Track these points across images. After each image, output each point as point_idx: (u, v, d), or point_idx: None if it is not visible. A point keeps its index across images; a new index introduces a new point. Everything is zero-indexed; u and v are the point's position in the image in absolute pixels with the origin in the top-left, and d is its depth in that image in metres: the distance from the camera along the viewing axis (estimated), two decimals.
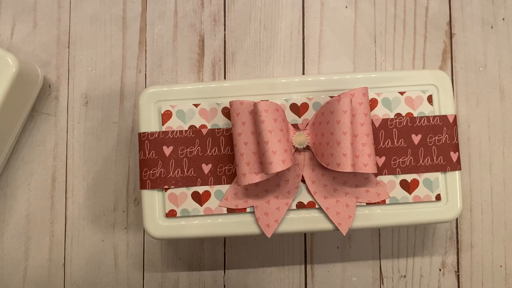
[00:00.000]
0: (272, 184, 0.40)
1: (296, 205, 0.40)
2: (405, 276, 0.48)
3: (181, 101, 0.41)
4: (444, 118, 0.41)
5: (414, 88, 0.41)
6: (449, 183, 0.40)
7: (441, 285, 0.48)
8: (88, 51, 0.50)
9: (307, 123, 0.40)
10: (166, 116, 0.41)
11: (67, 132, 0.49)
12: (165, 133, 0.40)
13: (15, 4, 0.51)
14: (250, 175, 0.38)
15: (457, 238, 0.48)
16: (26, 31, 0.50)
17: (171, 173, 0.40)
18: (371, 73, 0.41)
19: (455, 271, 0.48)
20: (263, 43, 0.50)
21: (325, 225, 0.40)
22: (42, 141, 0.49)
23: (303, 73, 0.50)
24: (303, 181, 0.40)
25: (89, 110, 0.50)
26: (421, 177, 0.40)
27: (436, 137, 0.40)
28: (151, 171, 0.40)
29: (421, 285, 0.48)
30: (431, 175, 0.40)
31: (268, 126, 0.37)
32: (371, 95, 0.41)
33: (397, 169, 0.40)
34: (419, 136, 0.40)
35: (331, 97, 0.40)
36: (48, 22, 0.51)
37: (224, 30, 0.50)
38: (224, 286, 0.48)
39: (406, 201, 0.40)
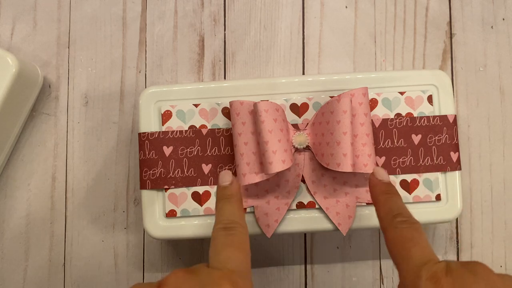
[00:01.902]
0: (272, 184, 0.40)
1: (296, 205, 0.40)
2: None
3: (181, 101, 0.41)
4: (444, 118, 0.41)
5: (414, 88, 0.41)
6: (449, 183, 0.40)
7: None
8: (88, 51, 0.50)
9: (307, 123, 0.40)
10: (166, 116, 0.41)
11: (67, 132, 0.49)
12: (165, 133, 0.40)
13: (15, 4, 0.51)
14: (250, 175, 0.38)
15: (457, 238, 0.48)
16: (26, 31, 0.50)
17: (171, 173, 0.40)
18: (371, 73, 0.41)
19: None
20: (263, 43, 0.50)
21: (325, 225, 0.40)
22: (42, 141, 0.49)
23: (303, 73, 0.50)
24: (303, 181, 0.40)
25: (89, 110, 0.50)
26: (421, 177, 0.40)
27: (436, 137, 0.40)
28: (151, 171, 0.40)
29: None
30: (431, 175, 0.40)
31: (268, 126, 0.37)
32: (371, 95, 0.41)
33: (397, 169, 0.40)
34: (419, 136, 0.40)
35: (331, 97, 0.40)
36: (48, 22, 0.50)
37: (224, 30, 0.50)
38: None
39: (406, 201, 0.40)
